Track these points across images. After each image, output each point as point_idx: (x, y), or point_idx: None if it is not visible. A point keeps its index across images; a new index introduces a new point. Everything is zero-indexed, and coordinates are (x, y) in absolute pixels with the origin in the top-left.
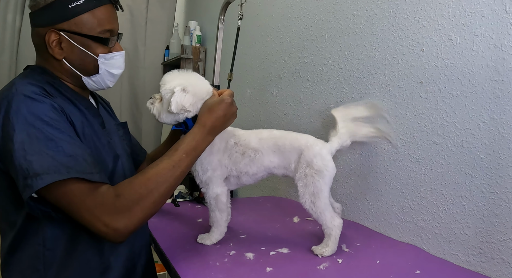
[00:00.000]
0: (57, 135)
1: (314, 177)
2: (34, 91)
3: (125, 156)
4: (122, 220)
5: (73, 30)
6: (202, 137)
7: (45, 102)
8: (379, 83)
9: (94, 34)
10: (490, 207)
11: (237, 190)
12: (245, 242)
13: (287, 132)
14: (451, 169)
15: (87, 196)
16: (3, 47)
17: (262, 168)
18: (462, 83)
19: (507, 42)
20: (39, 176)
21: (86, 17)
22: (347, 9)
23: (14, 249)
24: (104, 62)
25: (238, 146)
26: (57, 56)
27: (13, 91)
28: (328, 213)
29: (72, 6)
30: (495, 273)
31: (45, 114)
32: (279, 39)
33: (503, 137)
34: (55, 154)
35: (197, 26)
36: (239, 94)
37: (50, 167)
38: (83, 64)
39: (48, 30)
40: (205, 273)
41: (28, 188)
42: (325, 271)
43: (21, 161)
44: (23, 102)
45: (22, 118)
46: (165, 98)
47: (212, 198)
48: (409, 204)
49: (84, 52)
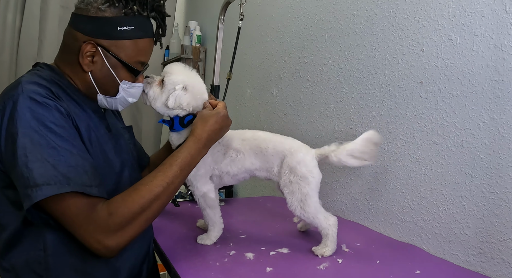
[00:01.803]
0: (59, 143)
1: (300, 183)
2: (40, 93)
3: (131, 159)
4: (115, 238)
5: (112, 51)
6: (197, 151)
7: (50, 105)
8: (379, 83)
9: (129, 61)
10: (490, 207)
11: (237, 190)
12: (245, 242)
13: (271, 135)
14: (451, 169)
15: (82, 212)
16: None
17: (243, 169)
18: (462, 83)
19: (507, 42)
20: (39, 187)
21: (129, 43)
22: (347, 9)
23: (9, 251)
24: (125, 89)
25: (221, 145)
26: (85, 68)
27: (19, 91)
28: (320, 215)
29: (120, 29)
30: (495, 273)
31: (49, 120)
32: (279, 39)
33: (503, 137)
34: (56, 163)
35: (197, 26)
36: (239, 94)
37: (50, 177)
38: (105, 84)
39: (88, 39)
40: (205, 273)
41: (28, 198)
42: (325, 271)
43: (22, 168)
44: (28, 104)
45: (26, 122)
46: (166, 89)
47: (200, 197)
48: (409, 204)
49: (111, 74)
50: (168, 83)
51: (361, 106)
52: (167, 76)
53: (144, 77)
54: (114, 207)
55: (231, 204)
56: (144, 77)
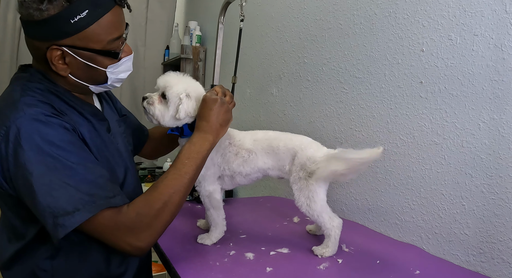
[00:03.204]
0: (73, 160)
1: (308, 180)
2: (43, 112)
3: (127, 154)
4: (144, 237)
5: (78, 46)
6: (200, 137)
7: (55, 123)
8: (379, 83)
9: (102, 47)
10: (490, 207)
11: (237, 190)
12: (245, 242)
13: (282, 133)
14: (451, 169)
15: (110, 222)
16: (3, 47)
17: (255, 169)
18: (462, 83)
19: (507, 42)
20: (71, 215)
21: (92, 29)
22: (347, 9)
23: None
24: (113, 71)
25: (232, 146)
26: (62, 73)
27: (20, 114)
28: (325, 215)
29: (75, 21)
30: (495, 273)
31: (58, 138)
32: (279, 39)
33: (503, 137)
34: (77, 184)
35: (197, 26)
36: (239, 94)
37: (77, 201)
38: (91, 76)
39: (48, 45)
40: (205, 273)
41: (61, 228)
42: (325, 271)
43: (46, 198)
44: (35, 127)
45: (36, 147)
46: (171, 102)
47: (206, 196)
48: (409, 204)
49: (92, 67)
50: (172, 96)
51: (361, 106)
52: (168, 89)
53: (142, 99)
54: (138, 208)
55: (231, 204)
56: (142, 99)
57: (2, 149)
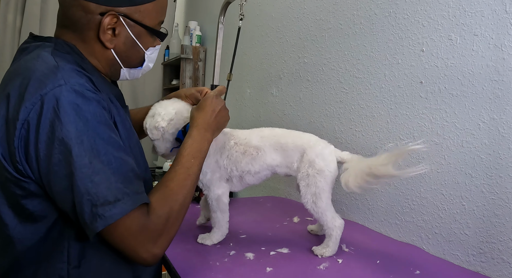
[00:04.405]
0: (112, 146)
1: (316, 177)
2: (84, 85)
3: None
4: (162, 242)
5: (134, 18)
6: (200, 136)
7: (95, 100)
8: (379, 83)
9: (153, 26)
10: (490, 207)
11: None
12: (245, 242)
13: (289, 131)
14: (451, 169)
15: (139, 222)
16: (3, 47)
17: (264, 166)
18: (462, 83)
19: (507, 42)
20: (112, 204)
21: (152, 5)
22: (347, 9)
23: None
24: (149, 56)
25: (238, 145)
26: (107, 44)
27: (61, 82)
28: (329, 214)
29: None
30: (495, 273)
31: (98, 118)
32: (279, 39)
33: (503, 137)
34: (115, 172)
35: (197, 26)
36: (239, 94)
37: (117, 191)
38: (129, 56)
39: (106, 9)
40: (205, 273)
41: (101, 219)
42: (325, 271)
43: (87, 184)
44: (75, 100)
45: (78, 122)
46: (151, 134)
47: (214, 199)
48: (409, 204)
49: (136, 44)
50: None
51: (361, 106)
52: (149, 130)
53: None
54: (157, 209)
55: (231, 204)
56: None
57: (33, 121)
